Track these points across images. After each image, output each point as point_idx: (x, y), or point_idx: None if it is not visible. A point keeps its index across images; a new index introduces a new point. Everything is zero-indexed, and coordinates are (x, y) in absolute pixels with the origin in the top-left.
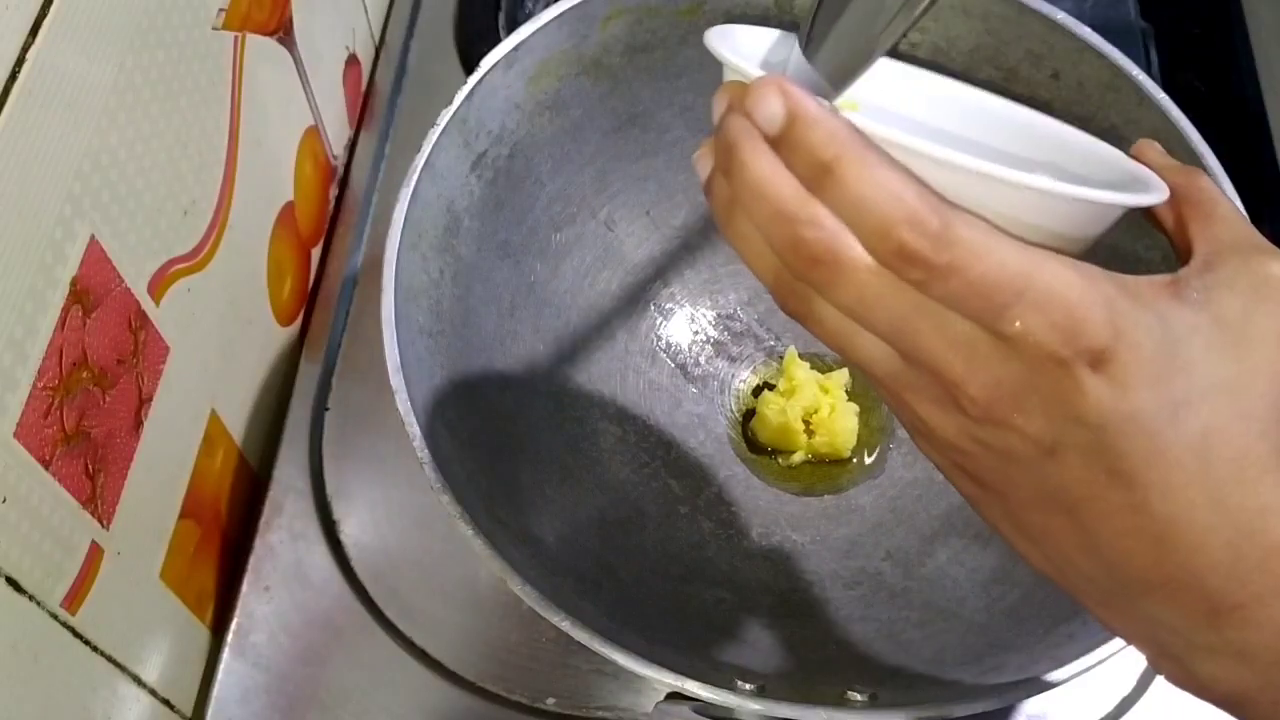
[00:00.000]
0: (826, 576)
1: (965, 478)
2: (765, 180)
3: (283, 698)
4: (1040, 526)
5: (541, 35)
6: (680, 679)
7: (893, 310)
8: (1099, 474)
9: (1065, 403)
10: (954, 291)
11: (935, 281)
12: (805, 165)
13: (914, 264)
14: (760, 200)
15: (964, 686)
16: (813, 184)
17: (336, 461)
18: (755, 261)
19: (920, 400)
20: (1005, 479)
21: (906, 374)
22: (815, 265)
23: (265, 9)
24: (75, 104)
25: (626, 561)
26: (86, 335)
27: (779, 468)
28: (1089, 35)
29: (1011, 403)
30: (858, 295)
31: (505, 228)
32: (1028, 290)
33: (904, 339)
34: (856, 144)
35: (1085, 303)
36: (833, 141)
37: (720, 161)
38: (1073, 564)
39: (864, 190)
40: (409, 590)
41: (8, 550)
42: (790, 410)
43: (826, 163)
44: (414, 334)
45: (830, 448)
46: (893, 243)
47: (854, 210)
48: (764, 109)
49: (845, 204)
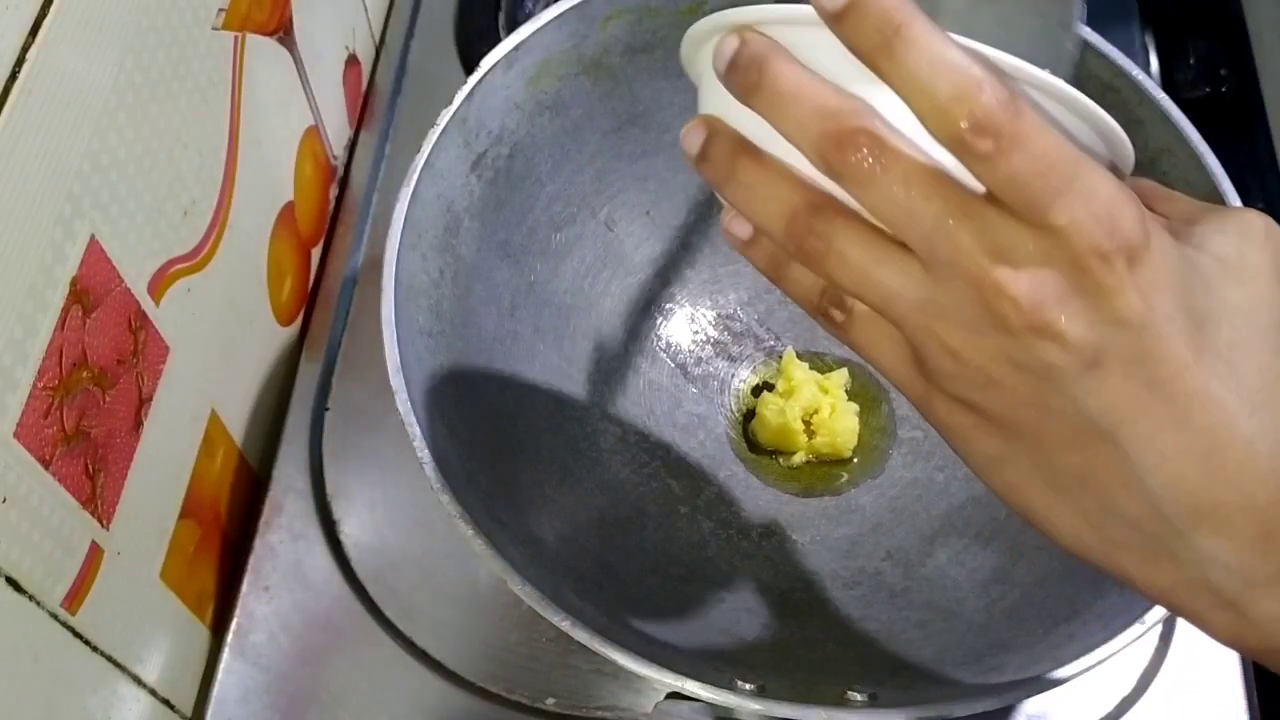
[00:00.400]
0: (826, 576)
1: (990, 432)
2: (803, 81)
3: (283, 698)
4: (1078, 468)
5: (541, 35)
6: (680, 679)
7: (934, 210)
8: (1140, 387)
9: (1107, 302)
10: (1016, 169)
11: (1001, 155)
12: (875, 31)
13: (986, 132)
14: (796, 101)
15: (964, 686)
16: (881, 52)
17: (336, 461)
18: (767, 205)
19: (951, 328)
20: (1041, 411)
21: (938, 297)
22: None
23: (265, 9)
24: (75, 104)
25: (626, 561)
26: (86, 335)
27: (779, 468)
28: (1089, 35)
29: (1056, 304)
30: (904, 188)
31: (505, 228)
32: (1078, 178)
33: (942, 246)
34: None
35: (1123, 199)
36: (905, 6)
37: (742, 83)
38: (1115, 508)
39: (939, 49)
40: (409, 590)
41: (8, 550)
42: (789, 410)
43: (898, 24)
44: (414, 334)
45: (831, 448)
46: (968, 105)
47: (929, 72)
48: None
49: (920, 65)
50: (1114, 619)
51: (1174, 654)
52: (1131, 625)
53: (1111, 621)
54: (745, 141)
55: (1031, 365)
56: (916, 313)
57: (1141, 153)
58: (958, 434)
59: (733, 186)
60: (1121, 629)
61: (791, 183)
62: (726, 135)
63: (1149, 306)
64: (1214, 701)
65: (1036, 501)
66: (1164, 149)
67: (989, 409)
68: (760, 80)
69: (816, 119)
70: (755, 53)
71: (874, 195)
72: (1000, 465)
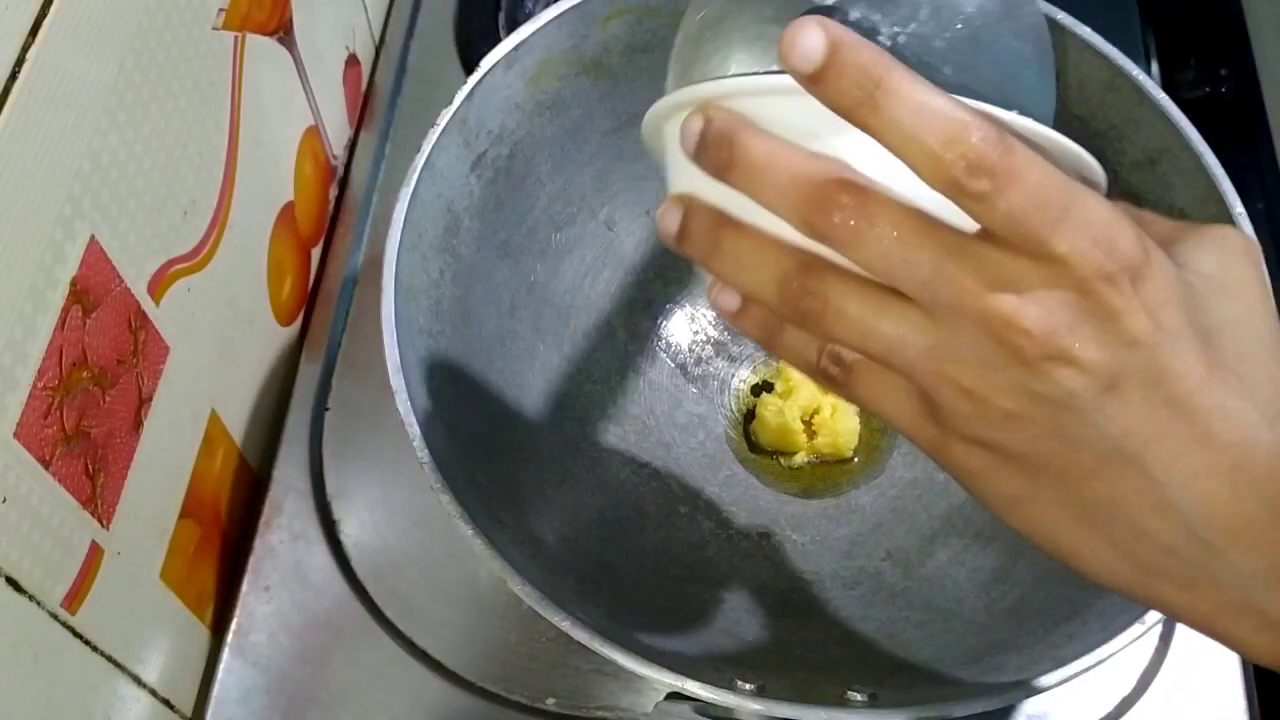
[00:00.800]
0: (826, 576)
1: (1012, 471)
2: (775, 149)
3: (283, 698)
4: (1106, 497)
5: (541, 35)
6: (680, 679)
7: (929, 256)
8: (1160, 407)
9: (1117, 323)
10: (1015, 205)
11: (999, 193)
12: (855, 87)
13: (980, 172)
14: (772, 171)
15: (964, 686)
16: (864, 107)
17: (336, 461)
18: (757, 272)
19: (964, 368)
20: (1064, 443)
21: (945, 340)
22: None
23: (265, 9)
24: (75, 104)
25: (626, 561)
26: (86, 335)
27: (779, 468)
28: (1089, 35)
29: (1068, 330)
30: (896, 241)
31: (505, 228)
32: (1074, 205)
33: (944, 289)
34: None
35: (1120, 220)
36: (881, 59)
37: (714, 160)
38: (1147, 535)
39: (923, 98)
40: (409, 590)
41: (8, 550)
42: (788, 411)
43: (878, 78)
44: (414, 334)
45: (832, 448)
46: (961, 147)
47: (916, 121)
48: (805, 41)
49: (906, 116)
50: (1114, 619)
51: (1174, 654)
52: (1131, 625)
53: (1111, 621)
54: (724, 214)
55: (1050, 395)
56: (925, 359)
57: (1141, 153)
58: (978, 477)
59: (719, 259)
60: (1121, 629)
61: (778, 247)
62: (704, 210)
63: (1158, 324)
64: (1214, 701)
65: (1065, 537)
66: (1164, 149)
67: (1009, 446)
68: (732, 156)
69: (794, 186)
70: (722, 129)
71: (865, 252)
72: (1024, 504)
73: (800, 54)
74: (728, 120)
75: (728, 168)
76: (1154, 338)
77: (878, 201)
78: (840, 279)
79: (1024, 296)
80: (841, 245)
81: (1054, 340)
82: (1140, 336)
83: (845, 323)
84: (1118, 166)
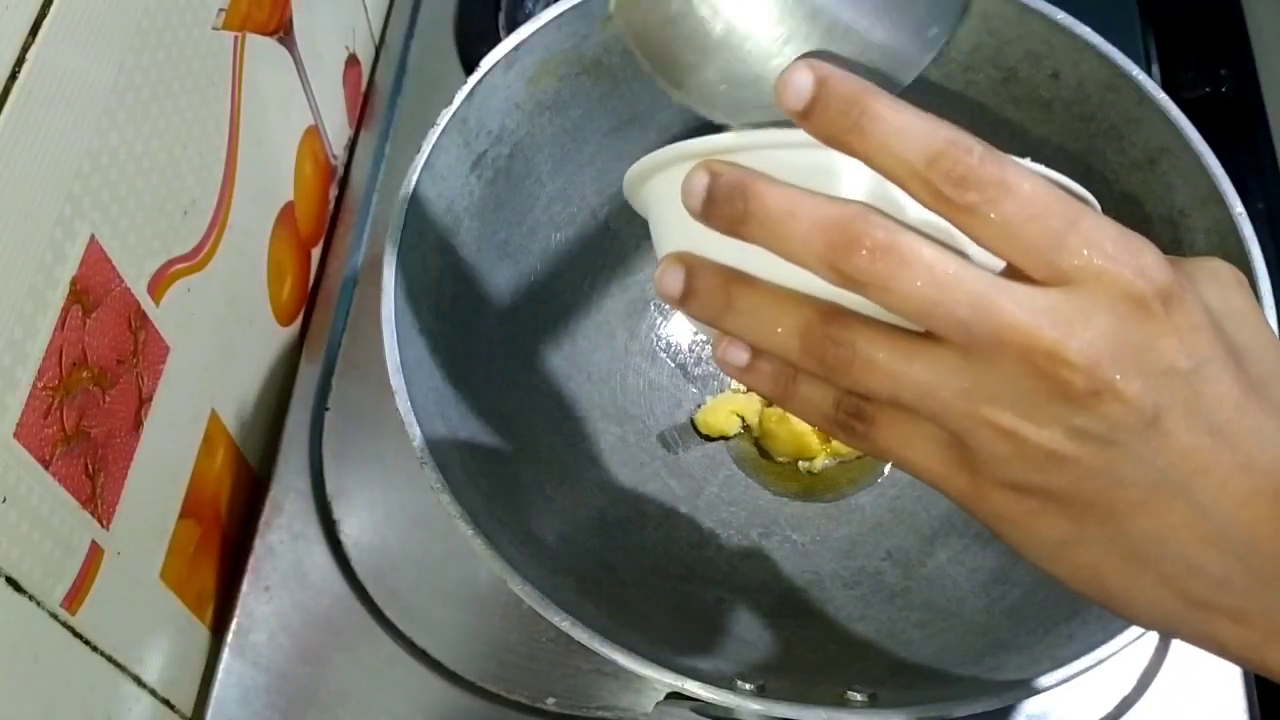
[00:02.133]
0: (826, 576)
1: (1054, 513)
2: (795, 197)
3: (283, 698)
4: (1155, 533)
5: (541, 35)
6: (680, 679)
7: (968, 292)
8: (1203, 435)
9: (1155, 350)
10: (1009, 216)
11: (991, 204)
12: (841, 115)
13: (968, 185)
14: (793, 219)
15: (964, 686)
16: (852, 133)
17: (336, 461)
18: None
19: (1001, 410)
20: (1110, 481)
21: (982, 381)
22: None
23: (265, 9)
24: (75, 104)
25: (626, 561)
26: (86, 335)
27: (779, 468)
28: (1089, 35)
29: (1111, 361)
30: (931, 280)
31: (505, 228)
32: (1080, 219)
33: (982, 326)
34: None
35: (1138, 239)
36: (865, 88)
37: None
38: (1199, 568)
39: (905, 120)
40: (409, 590)
41: (8, 550)
42: (792, 416)
43: (864, 105)
44: (414, 334)
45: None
46: (945, 163)
47: (899, 141)
48: (796, 80)
49: (889, 137)
50: (1114, 619)
51: (1174, 654)
52: (1131, 625)
53: (1111, 621)
54: (731, 269)
55: (1096, 432)
56: (960, 401)
57: (1141, 153)
58: (1017, 524)
59: (732, 317)
60: (1121, 629)
61: (795, 299)
62: (710, 267)
63: (1192, 349)
64: (1214, 701)
65: (1113, 579)
66: (1164, 149)
67: (1051, 488)
68: (747, 208)
69: (819, 232)
70: (733, 181)
71: (898, 294)
72: (1069, 548)
73: (793, 92)
74: (736, 173)
75: (742, 221)
76: (1191, 363)
77: (909, 240)
78: (866, 327)
79: (1061, 325)
80: (873, 289)
81: (1099, 373)
82: (1177, 363)
83: (874, 370)
84: (1118, 166)
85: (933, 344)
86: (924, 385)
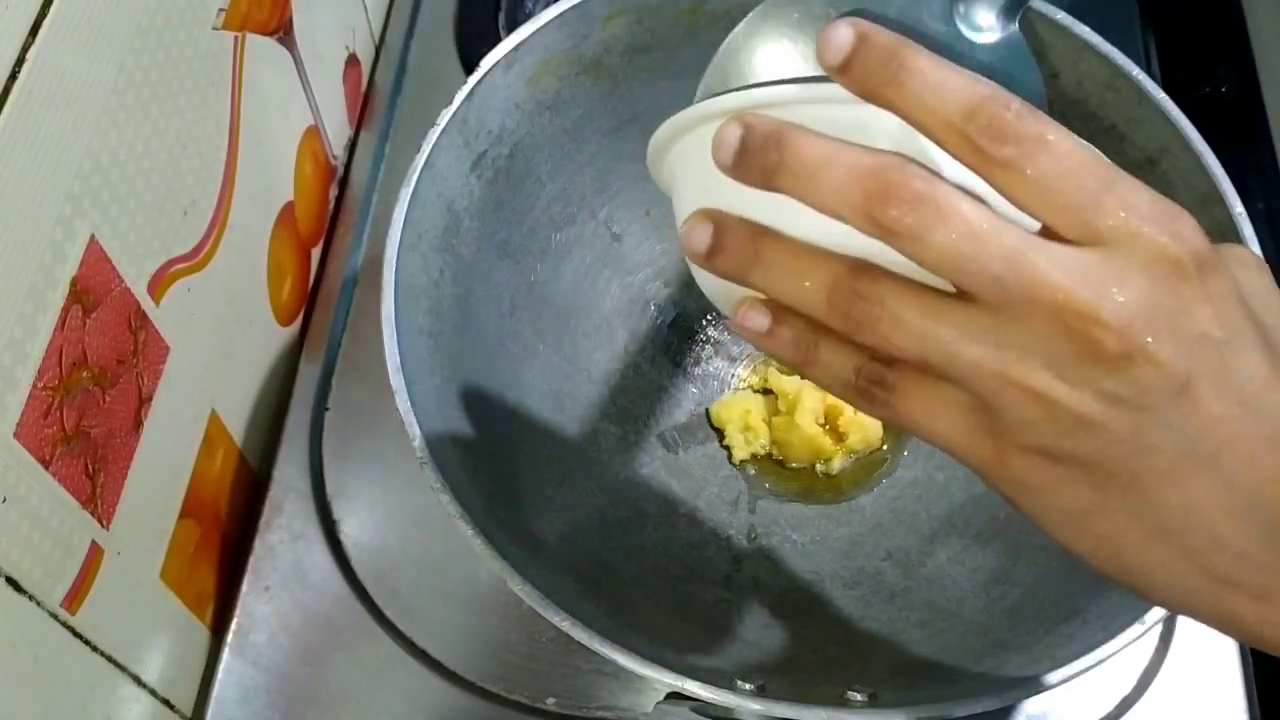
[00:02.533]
0: (826, 576)
1: (1078, 480)
2: (830, 146)
3: (283, 698)
4: (1179, 504)
5: (541, 35)
6: (680, 679)
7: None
8: (1233, 406)
9: (1190, 315)
10: (1046, 171)
11: (1027, 159)
12: (880, 68)
13: (1005, 139)
14: (828, 168)
15: (964, 686)
16: (890, 86)
17: (336, 461)
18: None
19: (1032, 370)
20: (1137, 448)
21: (1014, 339)
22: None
23: (265, 9)
24: (75, 104)
25: (626, 561)
26: (86, 335)
27: (779, 468)
28: (1089, 35)
29: (1145, 324)
30: (966, 233)
31: (505, 228)
32: (1117, 181)
33: (1016, 283)
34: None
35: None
36: (904, 42)
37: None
38: (1223, 542)
39: (944, 74)
40: (409, 590)
41: (8, 550)
42: (802, 419)
43: (903, 58)
44: (414, 334)
45: (864, 443)
46: (983, 116)
47: (937, 95)
48: (836, 36)
49: (927, 90)
50: (1114, 619)
51: (1174, 654)
52: (1131, 625)
53: (1111, 621)
54: (760, 225)
55: (1126, 396)
56: (990, 362)
57: (1141, 153)
58: (1037, 492)
59: (761, 270)
60: (1121, 629)
61: (824, 254)
62: (738, 222)
63: (1226, 319)
64: (1214, 701)
65: (1132, 552)
66: (1164, 149)
67: (1077, 455)
68: (782, 157)
69: (855, 181)
70: (768, 132)
71: (933, 247)
72: (1091, 518)
73: (833, 48)
74: (771, 123)
75: (777, 170)
76: (1224, 333)
77: (946, 192)
78: (895, 283)
79: (1096, 285)
80: (907, 240)
81: (1133, 335)
82: (1210, 331)
83: (903, 327)
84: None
85: (963, 303)
86: (953, 344)
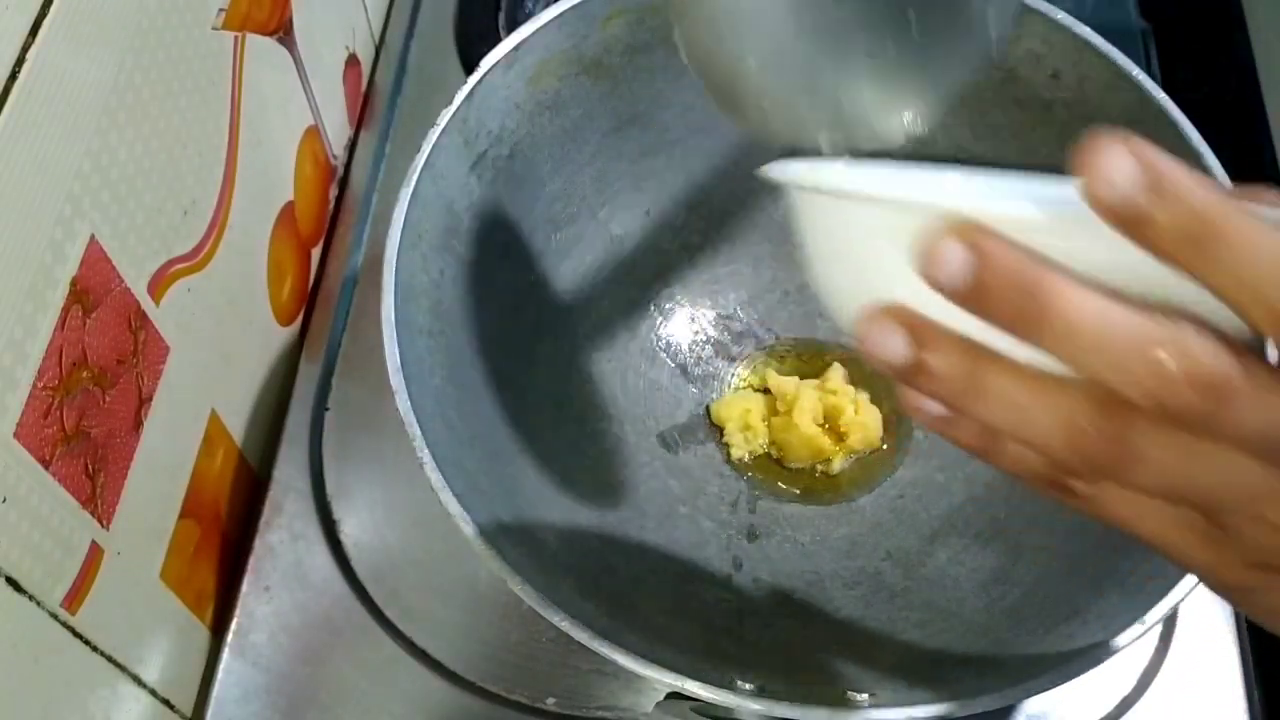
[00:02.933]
0: (826, 576)
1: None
2: (1109, 312)
3: (283, 698)
4: None
5: (541, 35)
6: (680, 679)
7: None
8: None
9: None
10: None
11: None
12: (1180, 229)
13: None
14: (1110, 340)
15: (964, 686)
16: (1187, 253)
17: (336, 461)
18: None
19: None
20: None
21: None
22: (1205, 394)
23: (265, 9)
24: (75, 104)
25: (626, 561)
26: (86, 335)
27: (779, 468)
28: (1089, 35)
29: None
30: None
31: (505, 228)
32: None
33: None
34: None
35: None
36: (1218, 197)
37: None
38: None
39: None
40: (409, 590)
41: (8, 550)
42: (800, 419)
43: (1212, 220)
44: (414, 334)
45: (865, 442)
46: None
47: (1253, 267)
48: (1117, 169)
49: (1244, 263)
50: (1114, 619)
51: (1174, 654)
52: (1131, 625)
53: (1111, 621)
54: (974, 342)
55: None
56: (1248, 504)
57: None
58: (1254, 592)
59: (981, 402)
60: (1121, 629)
61: (1059, 384)
62: (950, 341)
63: None
64: (1214, 701)
65: None
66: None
67: None
68: (1043, 313)
69: (1140, 360)
70: (1016, 276)
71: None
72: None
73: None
74: (1018, 261)
75: (1034, 326)
76: None
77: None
78: (1149, 423)
79: None
80: (1195, 422)
81: None
82: None
83: (1152, 469)
84: None
85: (1223, 447)
86: (1209, 489)
